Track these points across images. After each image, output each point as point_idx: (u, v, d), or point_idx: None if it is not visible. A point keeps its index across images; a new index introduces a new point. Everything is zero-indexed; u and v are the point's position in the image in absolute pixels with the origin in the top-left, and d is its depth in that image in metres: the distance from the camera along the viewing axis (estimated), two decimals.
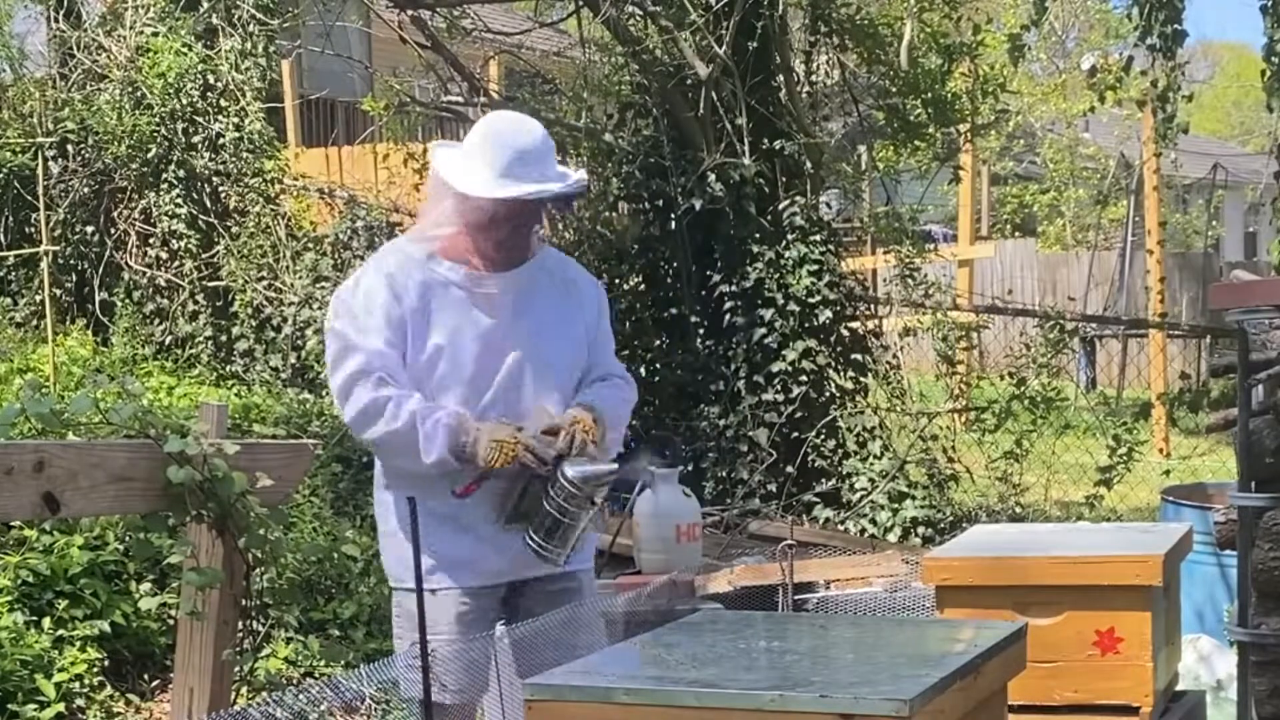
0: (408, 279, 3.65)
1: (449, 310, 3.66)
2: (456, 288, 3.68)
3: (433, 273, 3.67)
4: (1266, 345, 3.65)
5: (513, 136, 3.65)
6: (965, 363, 10.65)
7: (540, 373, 3.72)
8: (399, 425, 3.55)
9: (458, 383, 3.65)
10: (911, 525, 7.84)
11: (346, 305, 3.66)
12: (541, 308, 3.75)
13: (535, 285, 3.75)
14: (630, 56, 8.92)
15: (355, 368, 3.60)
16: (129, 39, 10.74)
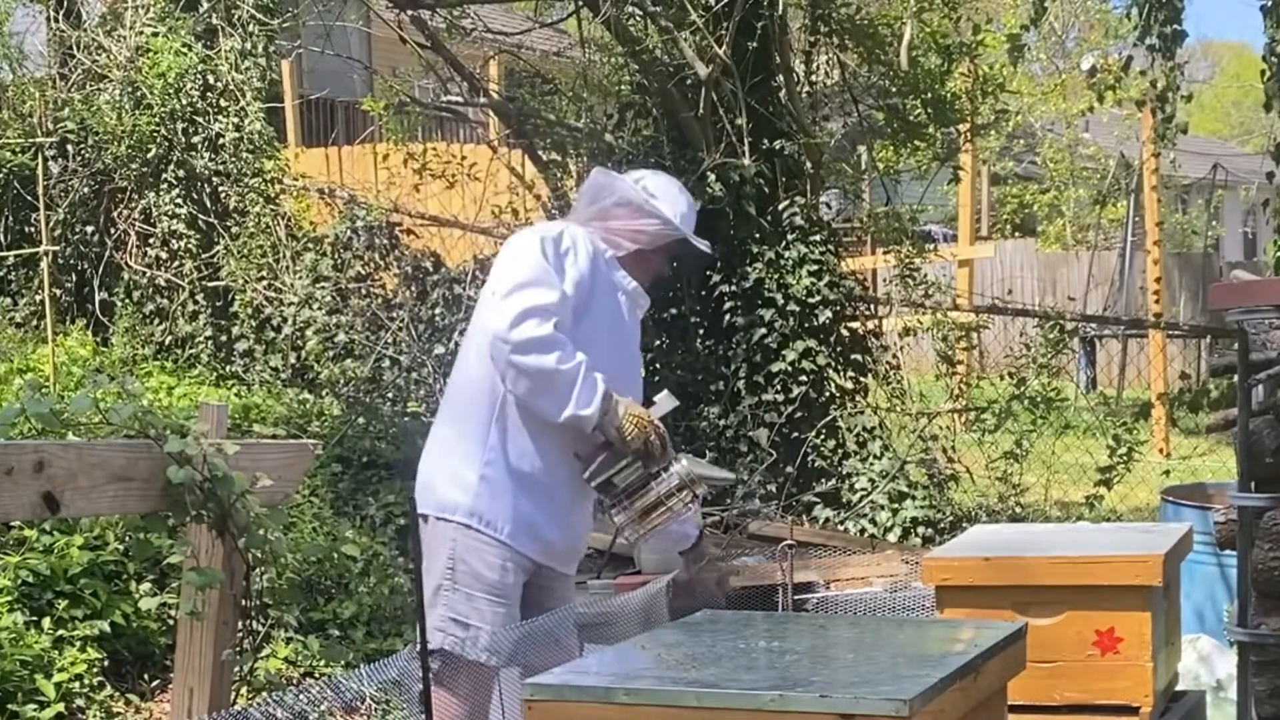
0: (598, 267, 3.94)
1: (611, 309, 3.99)
2: (622, 294, 4.05)
3: (611, 273, 4.01)
4: (1266, 345, 3.65)
5: (685, 194, 4.27)
6: (965, 363, 10.65)
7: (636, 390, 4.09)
8: (566, 369, 3.68)
9: (608, 370, 3.86)
10: (911, 525, 7.84)
11: (552, 246, 3.83)
12: (637, 341, 4.21)
13: (637, 321, 4.19)
14: (630, 56, 8.92)
15: (544, 301, 3.72)
16: (129, 39, 10.74)
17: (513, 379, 3.74)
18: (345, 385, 9.36)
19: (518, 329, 3.68)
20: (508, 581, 3.85)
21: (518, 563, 3.87)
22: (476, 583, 3.81)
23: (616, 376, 3.86)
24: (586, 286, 3.86)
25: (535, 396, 3.74)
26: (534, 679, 2.66)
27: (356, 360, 9.48)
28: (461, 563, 3.81)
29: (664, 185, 4.21)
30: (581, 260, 3.87)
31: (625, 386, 3.91)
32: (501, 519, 3.81)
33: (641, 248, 4.08)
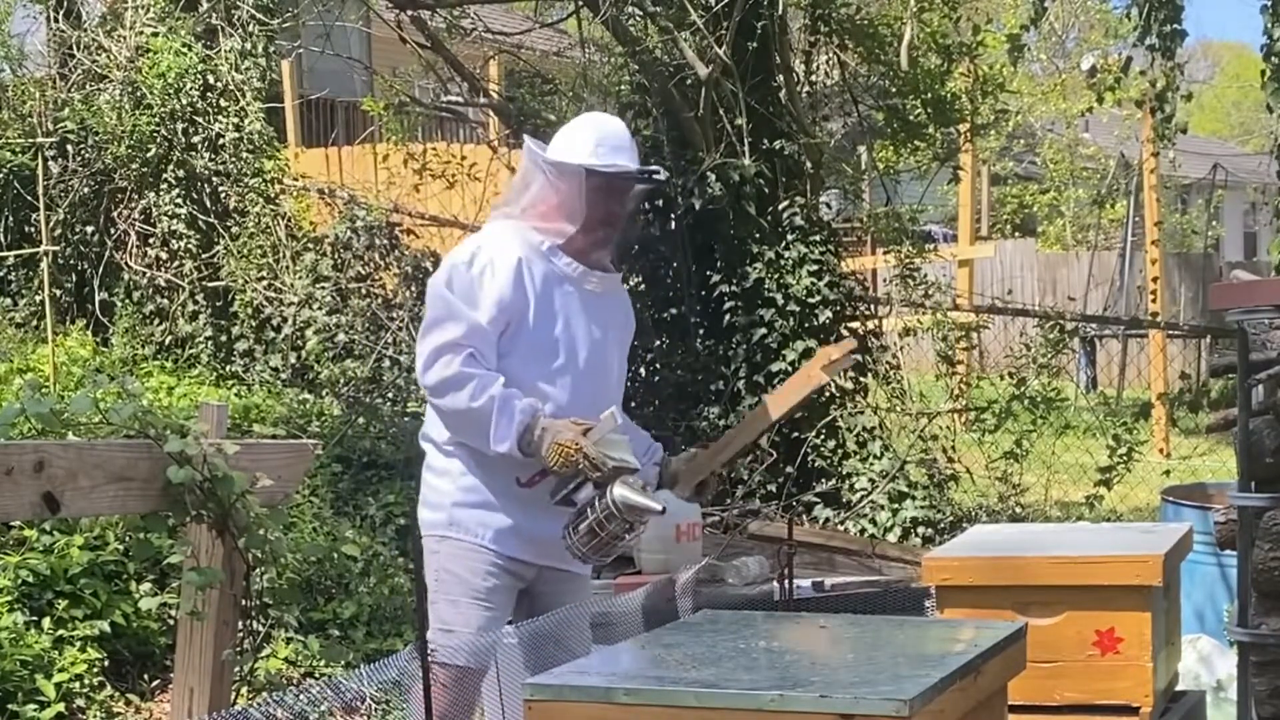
0: (534, 268, 3.81)
1: (567, 304, 3.85)
2: (570, 283, 3.87)
3: (552, 265, 3.85)
4: (1266, 345, 3.65)
5: (603, 124, 4.00)
6: (965, 363, 10.65)
7: (615, 379, 4.01)
8: (477, 405, 3.67)
9: (569, 373, 3.83)
10: (911, 525, 7.84)
11: (462, 274, 3.76)
12: (617, 325, 4.04)
13: (615, 303, 4.04)
14: (630, 56, 8.92)
15: (451, 337, 3.71)
16: (129, 39, 10.74)
17: (442, 419, 3.83)
18: (345, 385, 9.35)
19: (430, 372, 3.72)
20: (492, 585, 3.83)
21: (505, 567, 3.85)
22: (460, 587, 3.82)
23: (583, 376, 3.84)
24: (516, 297, 3.77)
25: (460, 434, 3.79)
26: (534, 679, 2.66)
27: (356, 360, 9.48)
28: (445, 571, 3.82)
29: (567, 128, 4.02)
30: (500, 274, 3.77)
31: (594, 384, 3.87)
32: (481, 526, 3.81)
33: (576, 212, 3.87)
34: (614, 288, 4.05)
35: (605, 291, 3.98)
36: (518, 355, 3.79)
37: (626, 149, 3.96)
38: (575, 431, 3.67)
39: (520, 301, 3.77)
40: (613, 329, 4.01)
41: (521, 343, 3.78)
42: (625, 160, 3.93)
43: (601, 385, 3.91)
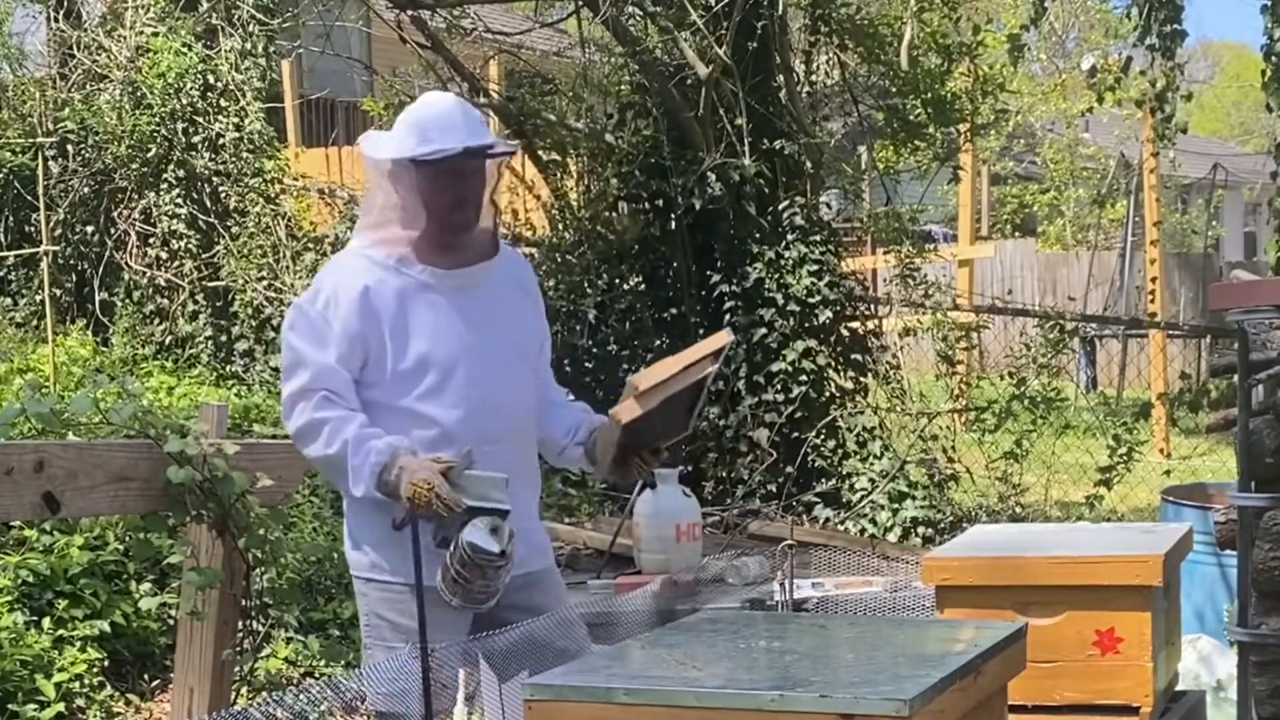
0: (382, 288, 3.57)
1: (428, 315, 3.60)
2: (431, 291, 3.61)
3: (406, 277, 3.60)
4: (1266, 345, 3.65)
5: (424, 109, 3.65)
6: (965, 363, 10.65)
7: (511, 376, 3.69)
8: (332, 452, 3.49)
9: (448, 390, 3.59)
10: (911, 525, 7.84)
11: (305, 316, 3.58)
12: (512, 305, 3.75)
13: (500, 287, 3.72)
14: (630, 56, 8.92)
15: (302, 383, 3.54)
16: (129, 39, 10.74)
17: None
18: None
19: (289, 422, 3.57)
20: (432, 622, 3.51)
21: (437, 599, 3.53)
22: (396, 633, 3.59)
23: (469, 387, 3.59)
24: (366, 326, 3.53)
25: (328, 480, 3.74)
26: (534, 679, 2.66)
27: None
28: (376, 616, 3.64)
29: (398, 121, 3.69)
30: (344, 306, 3.54)
31: (488, 391, 3.61)
32: (405, 563, 3.47)
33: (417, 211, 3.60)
34: (492, 276, 3.71)
35: (482, 284, 3.68)
36: (385, 385, 3.57)
37: (457, 125, 3.59)
38: (430, 470, 3.40)
39: (372, 330, 3.55)
40: (501, 320, 3.71)
41: (386, 371, 3.56)
42: (455, 139, 3.56)
43: (498, 389, 3.64)
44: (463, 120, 3.61)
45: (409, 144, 3.57)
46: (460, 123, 3.60)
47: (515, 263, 3.89)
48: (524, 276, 3.85)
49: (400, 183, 3.59)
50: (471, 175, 3.62)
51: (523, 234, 9.62)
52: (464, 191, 3.61)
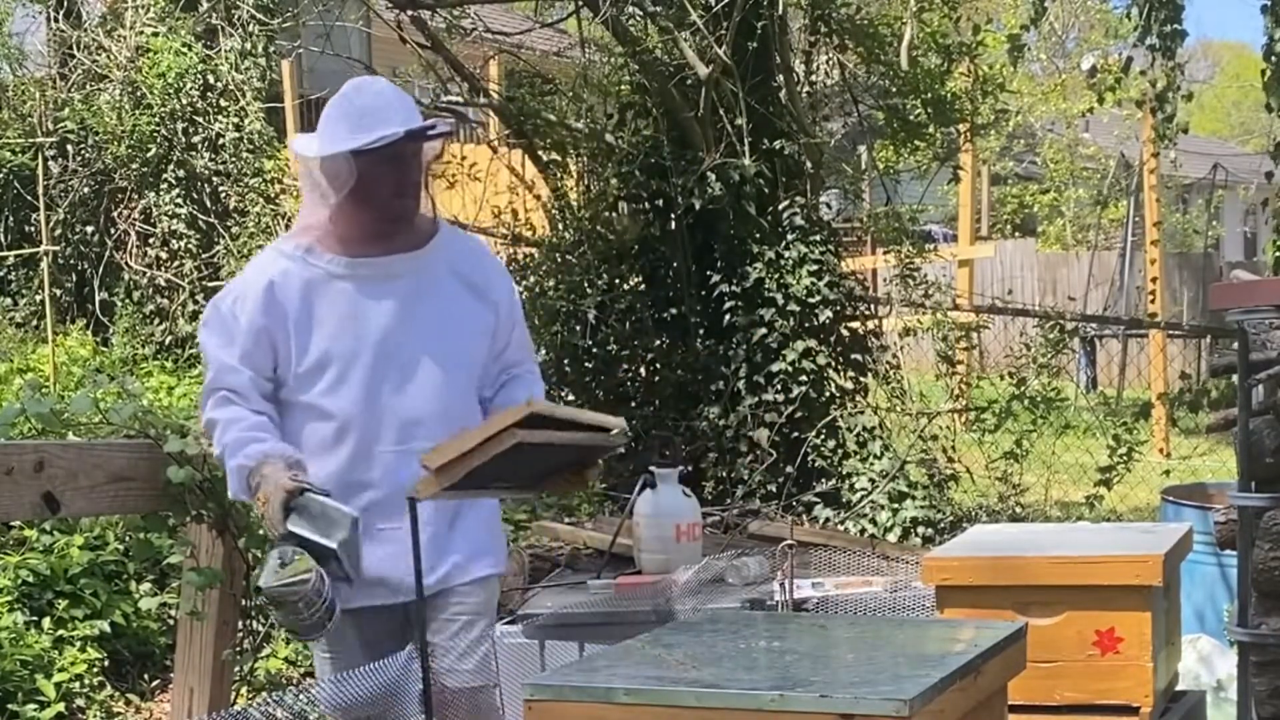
0: (288, 283, 3.43)
1: (334, 307, 3.43)
2: (341, 280, 3.44)
3: (313, 269, 3.45)
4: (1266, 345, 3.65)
5: (356, 95, 3.54)
6: (965, 363, 10.65)
7: (429, 373, 3.46)
8: (217, 452, 3.42)
9: (344, 384, 3.42)
10: (911, 525, 7.84)
11: (216, 313, 3.48)
12: (442, 296, 3.52)
13: (433, 272, 3.52)
14: (630, 56, 8.92)
15: (207, 382, 3.46)
16: (129, 39, 10.75)
17: None
18: None
19: (201, 419, 3.51)
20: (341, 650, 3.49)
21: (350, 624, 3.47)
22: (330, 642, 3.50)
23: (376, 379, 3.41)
24: (270, 321, 3.40)
25: None
26: (534, 679, 2.66)
27: None
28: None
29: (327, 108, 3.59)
30: (249, 302, 3.42)
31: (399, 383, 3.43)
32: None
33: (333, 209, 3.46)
34: (419, 266, 3.50)
35: (404, 274, 3.48)
36: (294, 381, 3.44)
37: (392, 109, 3.45)
38: (275, 487, 3.22)
39: (277, 325, 3.41)
40: (425, 313, 3.48)
41: (292, 366, 3.42)
42: (394, 124, 3.41)
43: (411, 388, 3.44)
44: (397, 103, 3.48)
45: (342, 135, 3.44)
46: (395, 105, 3.47)
47: (460, 251, 3.63)
48: (467, 267, 3.57)
49: (338, 178, 3.43)
50: (410, 160, 3.48)
51: (523, 234, 9.62)
52: (405, 178, 3.47)
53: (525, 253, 9.55)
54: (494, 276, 3.66)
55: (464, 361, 3.53)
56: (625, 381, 8.65)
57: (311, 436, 3.44)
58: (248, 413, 3.39)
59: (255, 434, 3.35)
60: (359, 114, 3.48)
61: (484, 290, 3.58)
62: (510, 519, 7.37)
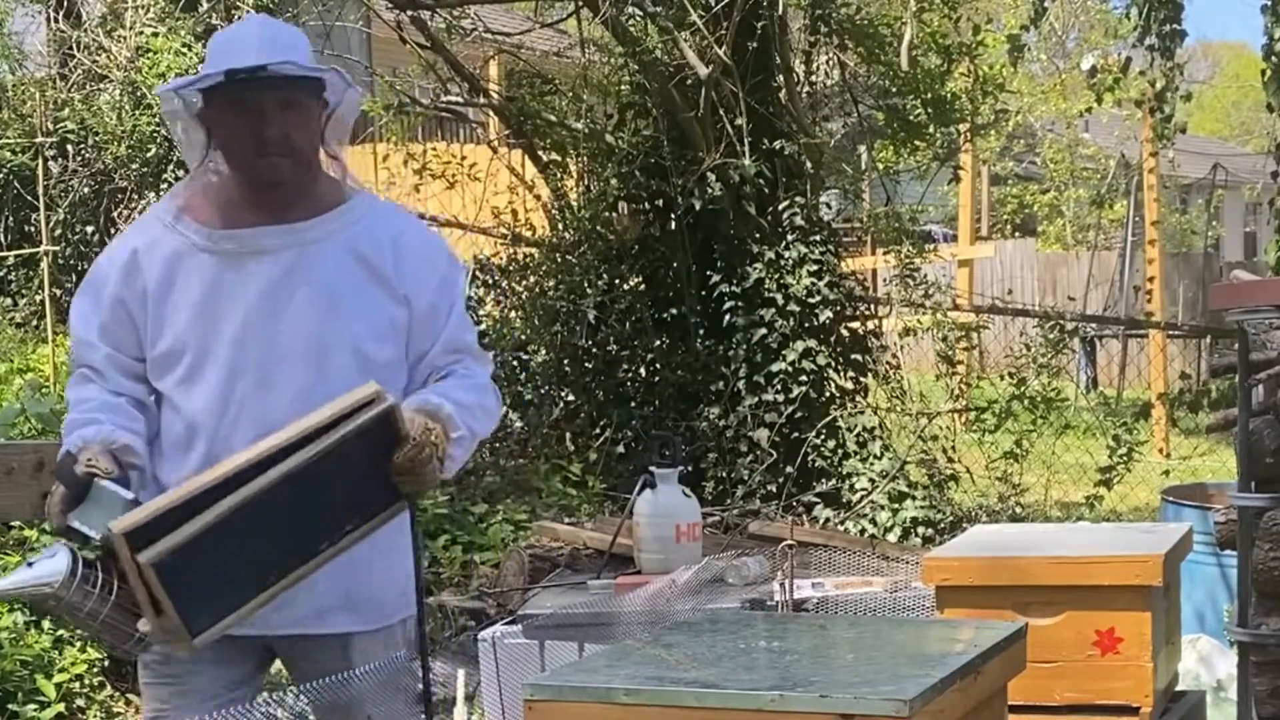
0: (153, 252, 2.96)
1: (192, 288, 2.94)
2: (206, 253, 2.95)
3: (180, 236, 2.97)
4: (1266, 345, 3.65)
5: (223, 32, 3.06)
6: (965, 363, 10.65)
7: (296, 371, 2.93)
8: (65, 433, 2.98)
9: (197, 379, 2.95)
10: (911, 525, 7.84)
11: (88, 284, 3.04)
12: (327, 281, 2.97)
13: (320, 250, 2.98)
14: (630, 57, 8.92)
15: (70, 358, 3.07)
16: (129, 39, 10.75)
17: None
18: None
19: None
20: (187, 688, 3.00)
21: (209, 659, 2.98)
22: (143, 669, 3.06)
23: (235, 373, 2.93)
24: (130, 295, 2.96)
25: None
26: (534, 679, 2.66)
27: None
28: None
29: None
30: (113, 272, 2.98)
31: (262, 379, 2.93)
32: None
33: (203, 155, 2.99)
34: (304, 241, 2.97)
35: (280, 251, 2.95)
36: (151, 363, 2.98)
37: (246, 45, 2.89)
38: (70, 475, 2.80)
39: (135, 299, 2.96)
40: (303, 300, 2.94)
41: (149, 347, 2.98)
42: (232, 61, 2.86)
43: (272, 387, 2.92)
44: (255, 39, 2.90)
45: (192, 75, 2.96)
46: (251, 41, 2.90)
47: (370, 229, 3.03)
48: (373, 249, 3.01)
49: (178, 127, 2.99)
50: (277, 112, 2.89)
51: (523, 234, 9.63)
52: (263, 132, 2.88)
53: (525, 253, 9.55)
54: (413, 267, 3.03)
55: (347, 361, 2.95)
56: (625, 381, 8.65)
57: (168, 432, 2.99)
58: (100, 393, 2.96)
59: (93, 416, 2.91)
60: (210, 51, 2.94)
61: (391, 281, 3.00)
62: (510, 519, 7.37)
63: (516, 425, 8.78)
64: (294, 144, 2.92)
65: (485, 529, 7.30)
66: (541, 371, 8.86)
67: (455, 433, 2.91)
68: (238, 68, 2.84)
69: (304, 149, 2.96)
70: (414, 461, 2.81)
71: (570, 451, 8.51)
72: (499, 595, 6.20)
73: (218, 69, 2.86)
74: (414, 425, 2.82)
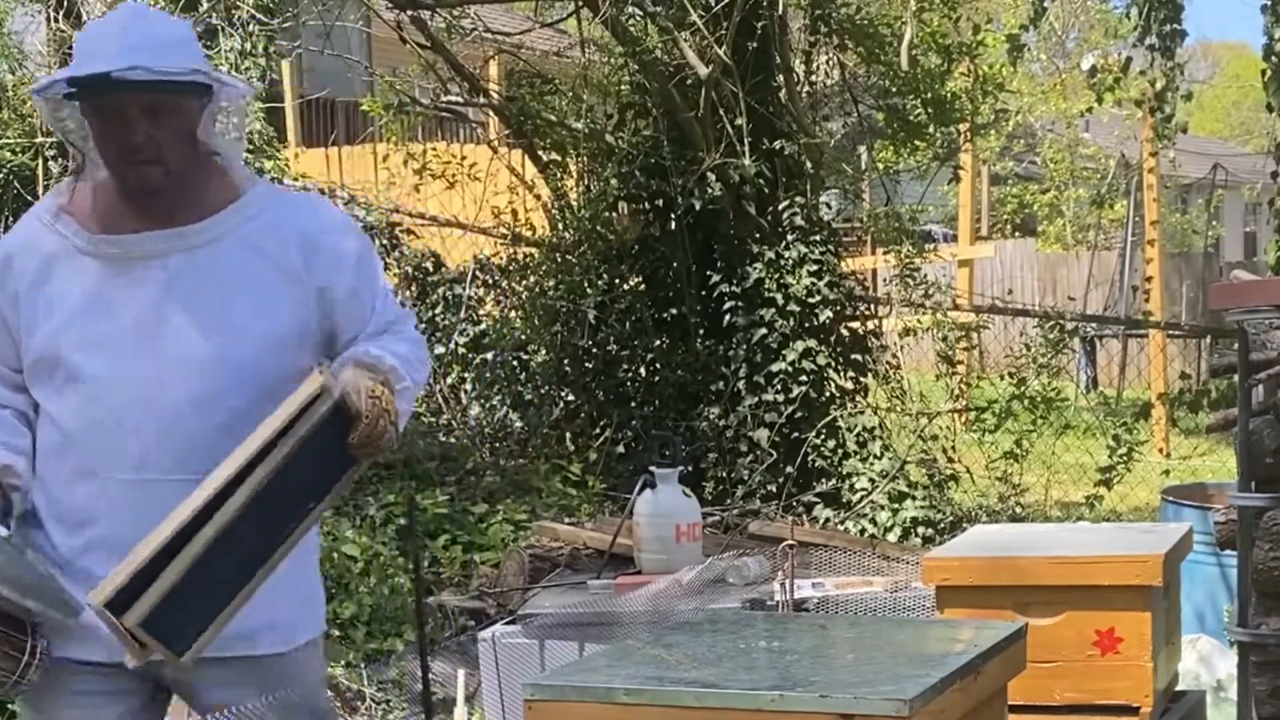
0: (30, 252, 2.77)
1: (69, 294, 2.73)
2: (88, 257, 2.74)
3: (60, 237, 2.76)
4: (1266, 345, 3.65)
5: (90, 26, 2.83)
6: (965, 363, 10.65)
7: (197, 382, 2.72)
8: None
9: (76, 393, 2.73)
10: (911, 525, 7.84)
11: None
12: (223, 284, 2.75)
13: (215, 252, 2.76)
14: (630, 56, 8.92)
15: None
16: None
17: None
18: None
19: None
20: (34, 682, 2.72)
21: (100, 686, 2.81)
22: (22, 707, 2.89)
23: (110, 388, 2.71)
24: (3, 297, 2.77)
25: None
26: (534, 679, 2.66)
27: None
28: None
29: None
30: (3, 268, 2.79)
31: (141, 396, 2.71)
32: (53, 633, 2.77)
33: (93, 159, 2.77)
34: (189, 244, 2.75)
35: (169, 255, 2.74)
36: (29, 373, 2.78)
37: (98, 47, 2.66)
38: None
39: (8, 302, 2.77)
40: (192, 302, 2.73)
41: (25, 353, 2.77)
42: (94, 64, 2.62)
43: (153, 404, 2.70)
44: (115, 39, 2.66)
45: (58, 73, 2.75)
46: (109, 41, 2.66)
47: (270, 223, 2.81)
48: (275, 243, 2.79)
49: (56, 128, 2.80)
50: (139, 118, 2.67)
51: (523, 234, 9.63)
52: (127, 139, 2.68)
53: (525, 253, 9.55)
54: (326, 257, 2.83)
55: (246, 371, 2.74)
56: (625, 381, 8.65)
57: (43, 445, 2.78)
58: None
59: None
60: (75, 48, 2.73)
61: (301, 279, 2.80)
62: (511, 519, 7.38)
63: (516, 425, 8.79)
64: (163, 151, 2.70)
65: (485, 529, 7.30)
66: (541, 371, 8.87)
67: (400, 384, 2.80)
68: (79, 75, 2.65)
69: (175, 155, 2.72)
70: (369, 436, 2.72)
71: (570, 451, 8.52)
72: (499, 595, 6.20)
73: (70, 73, 2.67)
74: (360, 396, 2.70)
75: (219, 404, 2.71)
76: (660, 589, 5.17)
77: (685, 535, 6.01)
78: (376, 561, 6.81)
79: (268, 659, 2.81)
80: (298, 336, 2.80)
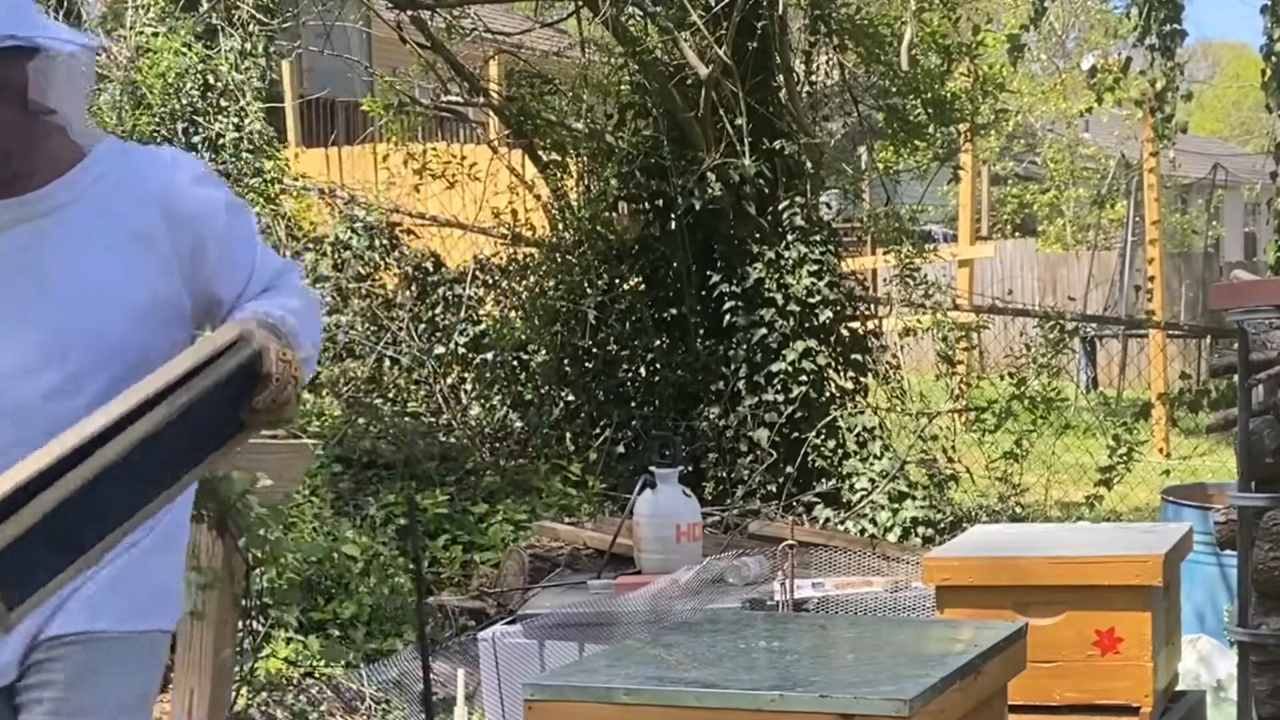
0: None
1: None
2: None
3: None
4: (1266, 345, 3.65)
5: None
6: (965, 363, 10.65)
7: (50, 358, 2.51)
8: None
9: None
10: (911, 525, 7.84)
11: None
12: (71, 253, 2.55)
13: (62, 220, 2.55)
14: (630, 56, 8.92)
15: None
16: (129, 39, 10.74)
17: None
18: (345, 385, 9.36)
19: None
20: None
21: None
22: None
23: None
24: None
25: None
26: (534, 679, 2.66)
27: (356, 360, 9.48)
28: None
29: None
30: None
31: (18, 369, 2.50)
32: None
33: None
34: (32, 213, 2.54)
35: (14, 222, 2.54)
36: None
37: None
38: None
39: None
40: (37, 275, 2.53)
41: None
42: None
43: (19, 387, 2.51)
44: None
45: None
46: None
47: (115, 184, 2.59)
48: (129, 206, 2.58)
49: None
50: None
51: (523, 234, 9.63)
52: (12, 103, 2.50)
53: (525, 253, 9.55)
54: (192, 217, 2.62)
55: (111, 348, 2.55)
56: (625, 381, 8.66)
57: None
58: None
59: None
60: None
61: (162, 244, 2.59)
62: (511, 519, 7.38)
63: (516, 425, 8.79)
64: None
65: (485, 529, 7.30)
66: (541, 371, 8.87)
67: (302, 353, 2.60)
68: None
69: (2, 121, 2.49)
70: (275, 401, 2.53)
71: (570, 451, 8.52)
72: (499, 595, 6.21)
73: None
74: (271, 357, 2.52)
75: (82, 385, 2.50)
76: (660, 589, 5.17)
77: (685, 535, 6.01)
78: (376, 561, 6.81)
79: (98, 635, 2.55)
80: (167, 306, 2.62)
